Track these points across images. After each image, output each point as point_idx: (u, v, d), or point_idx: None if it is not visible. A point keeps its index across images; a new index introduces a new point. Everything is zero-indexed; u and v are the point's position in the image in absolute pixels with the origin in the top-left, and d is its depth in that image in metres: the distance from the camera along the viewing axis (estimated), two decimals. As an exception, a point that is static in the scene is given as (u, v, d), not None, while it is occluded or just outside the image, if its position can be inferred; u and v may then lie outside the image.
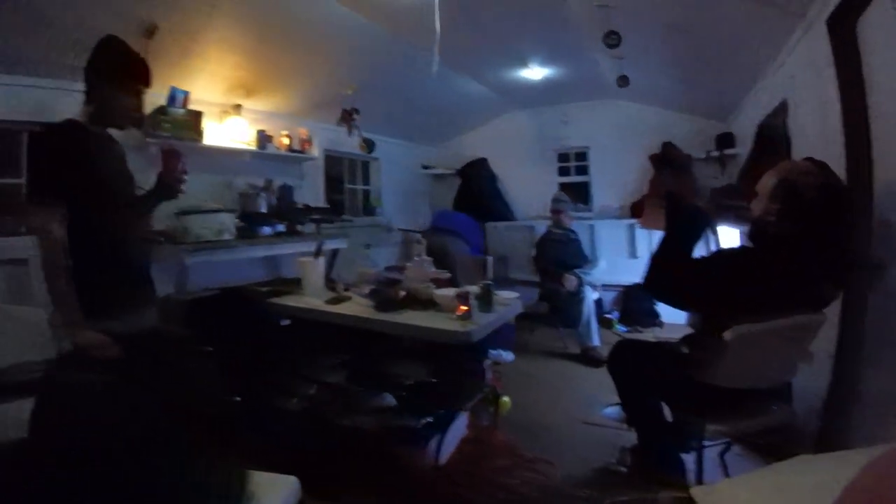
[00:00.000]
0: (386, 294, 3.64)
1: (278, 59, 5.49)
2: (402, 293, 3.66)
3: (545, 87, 7.32)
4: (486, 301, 3.42)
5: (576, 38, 5.62)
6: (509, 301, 3.71)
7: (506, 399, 4.14)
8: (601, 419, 4.00)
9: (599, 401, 4.23)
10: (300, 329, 4.06)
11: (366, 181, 8.54)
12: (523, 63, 6.54)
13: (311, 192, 6.79)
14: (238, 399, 3.10)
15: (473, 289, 3.45)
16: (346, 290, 4.14)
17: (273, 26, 4.92)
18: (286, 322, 4.15)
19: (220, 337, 3.44)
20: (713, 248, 4.47)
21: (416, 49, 5.40)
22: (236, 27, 4.78)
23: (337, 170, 7.89)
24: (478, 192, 9.11)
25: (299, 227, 5.73)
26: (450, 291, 3.51)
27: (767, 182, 2.59)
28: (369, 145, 6.60)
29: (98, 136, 2.49)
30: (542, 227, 7.30)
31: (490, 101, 8.14)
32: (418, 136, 9.08)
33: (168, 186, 2.74)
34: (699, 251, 2.76)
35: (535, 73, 6.85)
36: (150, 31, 4.26)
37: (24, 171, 2.36)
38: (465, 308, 3.16)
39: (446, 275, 3.96)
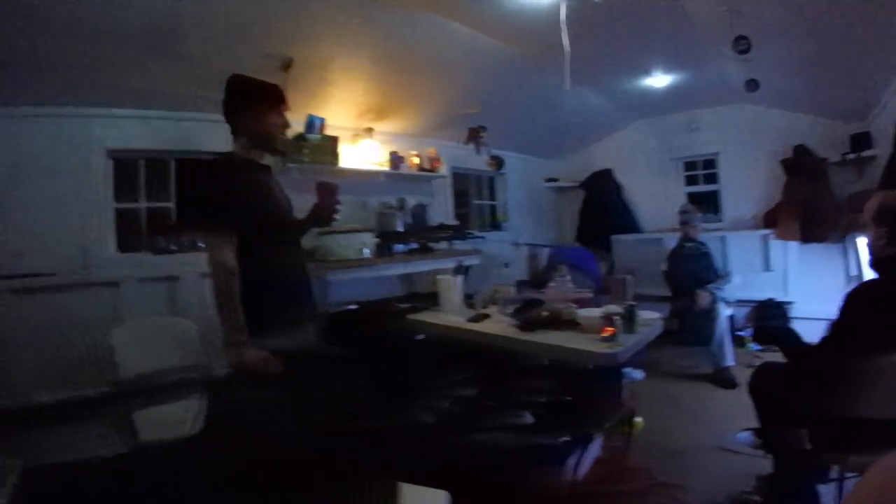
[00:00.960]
0: (530, 314, 3.60)
1: (406, 83, 5.64)
2: (545, 313, 3.61)
3: (669, 94, 7.08)
4: (629, 322, 3.35)
5: (700, 43, 5.48)
6: (651, 321, 3.63)
7: (639, 420, 4.04)
8: (735, 444, 3.75)
9: (733, 425, 3.96)
10: (432, 344, 4.08)
11: (492, 196, 8.56)
12: (646, 72, 6.42)
13: (441, 209, 6.90)
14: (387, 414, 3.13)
15: (615, 309, 3.39)
16: (484, 307, 4.16)
17: (400, 51, 5.08)
18: (420, 336, 4.17)
19: (357, 350, 3.54)
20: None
21: (540, 65, 5.53)
22: (366, 54, 5.01)
23: (463, 186, 7.96)
24: (603, 203, 8.81)
25: (431, 245, 5.82)
26: (594, 312, 3.45)
27: (870, 207, 2.55)
28: (498, 163, 6.63)
29: (255, 166, 2.67)
30: (670, 239, 7.02)
31: (614, 113, 7.98)
32: (542, 151, 8.99)
33: (323, 218, 2.94)
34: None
35: (658, 80, 6.64)
36: (287, 65, 4.50)
37: (177, 197, 2.51)
38: (610, 330, 3.11)
39: (588, 295, 3.93)
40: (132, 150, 4.82)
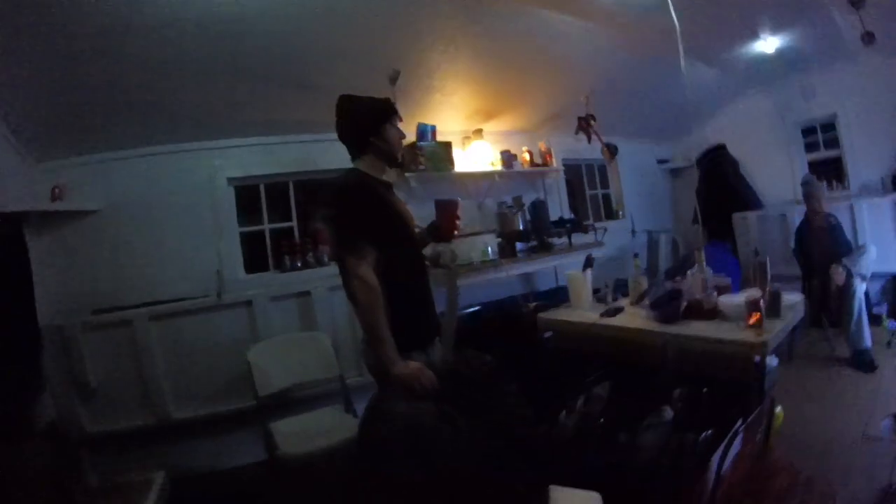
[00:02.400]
0: (670, 305, 3.43)
1: (512, 80, 5.61)
2: (685, 303, 3.46)
3: (779, 58, 6.66)
4: (773, 307, 3.18)
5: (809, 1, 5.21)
6: (793, 304, 3.44)
7: (779, 410, 3.71)
8: (881, 432, 3.55)
9: (877, 411, 3.76)
10: (560, 341, 3.99)
11: (604, 185, 8.31)
12: (755, 35, 6.09)
13: (555, 204, 6.77)
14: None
15: (757, 294, 3.18)
16: (615, 300, 4.09)
17: (504, 49, 5.06)
18: (548, 334, 4.09)
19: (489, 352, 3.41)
20: None
21: (645, 46, 5.50)
22: (471, 58, 5.02)
23: (575, 177, 7.79)
24: (720, 181, 8.26)
25: (551, 241, 5.71)
26: (736, 299, 3.28)
27: None
28: (612, 151, 6.48)
29: (381, 183, 2.69)
30: (795, 213, 6.47)
31: (724, 85, 7.56)
32: (653, 134, 8.65)
33: (443, 238, 3.04)
34: None
35: (768, 44, 6.18)
36: (395, 78, 4.56)
37: (325, 218, 2.49)
38: (756, 316, 2.94)
39: (727, 281, 3.73)
40: (252, 175, 5.03)
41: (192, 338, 4.44)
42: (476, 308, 4.92)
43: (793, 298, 3.50)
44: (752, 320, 2.95)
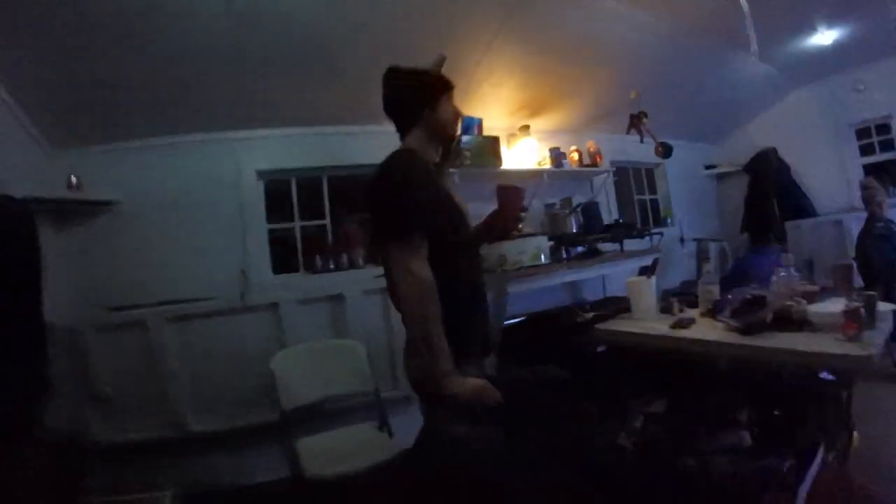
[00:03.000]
0: (754, 314, 2.99)
1: (561, 74, 5.34)
2: (771, 312, 3.00)
3: (834, 52, 6.39)
4: (870, 316, 2.73)
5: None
6: (884, 314, 3.03)
7: (855, 433, 3.41)
8: None
9: None
10: (614, 355, 3.63)
11: (652, 190, 8.01)
12: (812, 28, 5.79)
13: (603, 206, 6.44)
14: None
15: (847, 302, 2.76)
16: (682, 310, 3.63)
17: (554, 40, 4.80)
18: (601, 348, 3.70)
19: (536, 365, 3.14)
20: None
21: (695, 38, 5.33)
22: (520, 47, 4.76)
23: (623, 181, 7.46)
24: (770, 187, 7.87)
25: (600, 247, 5.35)
26: (830, 307, 2.89)
27: None
28: (666, 150, 6.12)
29: (434, 166, 2.35)
30: (852, 220, 6.35)
31: (772, 82, 7.24)
32: (700, 135, 8.30)
33: (506, 229, 2.46)
34: None
35: (825, 37, 5.96)
36: (439, 64, 4.22)
37: (380, 204, 2.02)
38: (853, 326, 2.53)
39: (815, 288, 3.31)
40: (283, 169, 4.81)
41: (212, 343, 4.11)
42: (522, 318, 4.45)
43: (884, 307, 3.11)
44: (848, 329, 2.54)
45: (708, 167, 8.56)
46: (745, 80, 6.85)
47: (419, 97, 2.28)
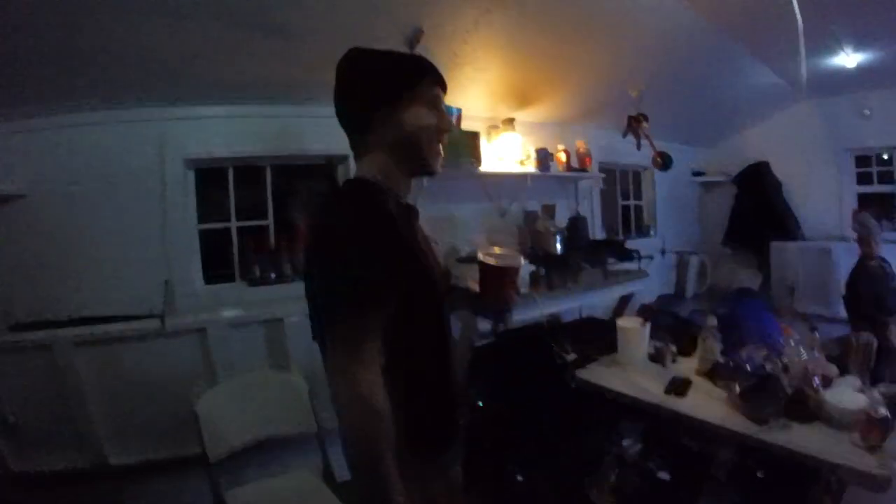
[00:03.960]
0: (767, 400, 2.57)
1: (556, 58, 4.69)
2: (784, 395, 2.60)
3: (855, 75, 6.03)
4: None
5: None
6: None
7: None
8: None
9: None
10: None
11: (637, 195, 7.56)
12: (838, 48, 5.37)
13: (586, 211, 6.00)
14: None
15: (874, 394, 2.36)
16: (674, 360, 3.23)
17: (552, 16, 4.12)
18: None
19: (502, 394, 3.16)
20: None
21: (716, 38, 4.90)
22: (511, 24, 4.06)
23: (608, 183, 6.94)
24: (759, 202, 7.62)
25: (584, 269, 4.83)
26: (849, 397, 2.44)
27: None
28: (666, 161, 5.55)
29: (397, 202, 1.53)
30: (841, 250, 6.19)
31: (777, 92, 6.80)
32: (691, 137, 7.83)
33: (494, 313, 1.93)
34: None
35: (849, 59, 5.55)
36: (416, 38, 3.57)
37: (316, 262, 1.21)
38: (877, 434, 2.09)
39: (833, 370, 2.85)
40: (217, 157, 4.09)
41: (130, 371, 3.57)
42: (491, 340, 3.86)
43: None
44: (872, 438, 2.15)
45: (696, 174, 8.28)
46: (750, 87, 6.55)
47: (386, 90, 1.49)
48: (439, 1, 3.62)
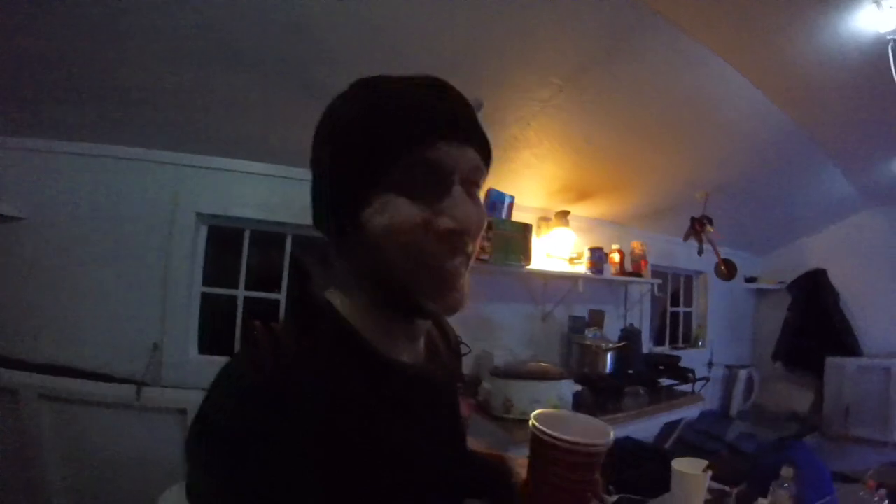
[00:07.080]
0: None
1: (622, 154, 4.27)
2: None
3: None
4: None
5: None
6: None
7: None
8: None
9: None
10: None
11: (687, 302, 7.03)
12: None
13: (634, 319, 5.52)
14: None
15: None
16: None
17: (625, 108, 3.74)
18: None
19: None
20: None
21: (796, 143, 4.61)
22: (581, 111, 3.63)
23: (659, 289, 6.28)
24: (814, 313, 7.03)
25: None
26: None
27: None
28: (731, 270, 5.07)
29: (392, 368, 0.91)
30: None
31: (845, 199, 6.47)
32: (748, 244, 7.38)
33: None
34: None
35: None
36: (476, 109, 3.05)
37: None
38: None
39: None
40: (235, 217, 3.62)
41: (94, 440, 3.16)
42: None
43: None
44: None
45: (748, 280, 7.69)
46: (818, 195, 6.20)
47: (379, 149, 0.83)
48: (507, 76, 3.20)
